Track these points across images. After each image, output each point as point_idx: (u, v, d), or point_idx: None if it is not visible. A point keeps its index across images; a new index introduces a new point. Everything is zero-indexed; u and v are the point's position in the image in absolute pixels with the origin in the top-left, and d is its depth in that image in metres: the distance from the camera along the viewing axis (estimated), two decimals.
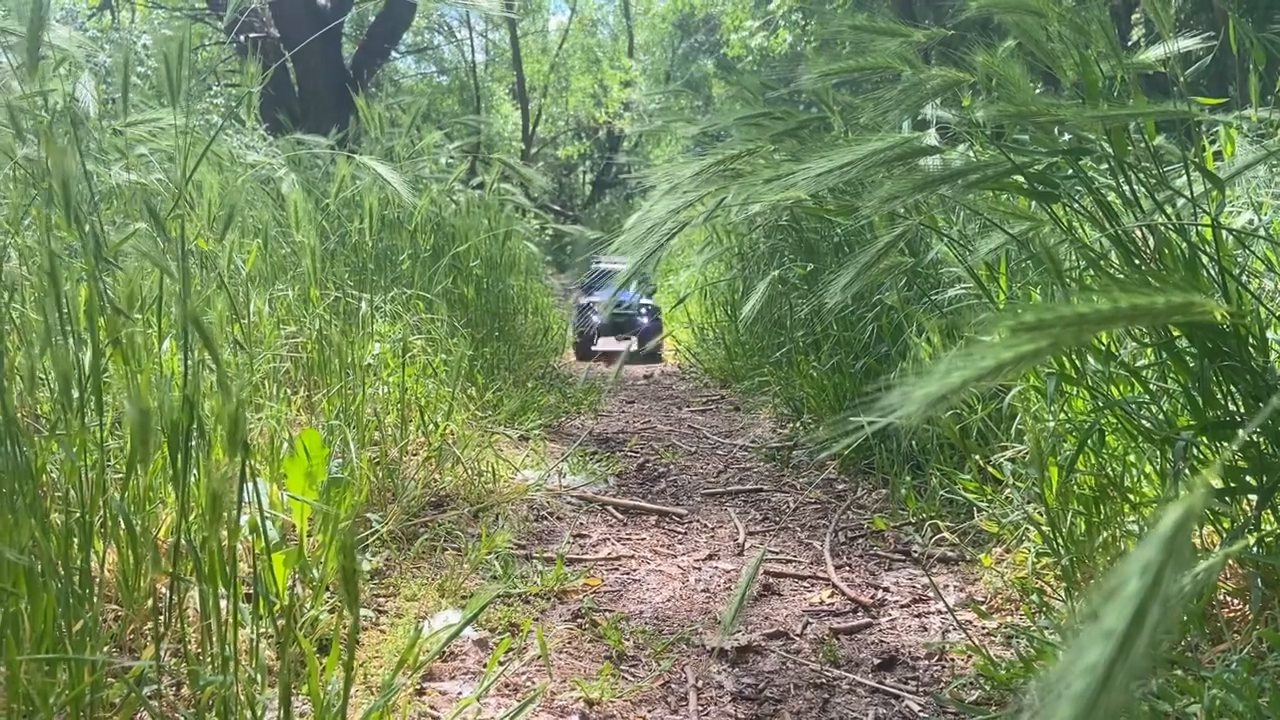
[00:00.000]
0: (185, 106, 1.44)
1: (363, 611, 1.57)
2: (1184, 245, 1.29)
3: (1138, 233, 1.37)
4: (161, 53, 1.44)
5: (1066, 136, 1.44)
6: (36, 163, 1.26)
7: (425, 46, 19.13)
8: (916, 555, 2.01)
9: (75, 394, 1.13)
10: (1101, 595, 0.32)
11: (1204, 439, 1.32)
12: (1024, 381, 1.77)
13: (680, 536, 2.24)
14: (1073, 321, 0.56)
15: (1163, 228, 1.31)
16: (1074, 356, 1.53)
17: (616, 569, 1.98)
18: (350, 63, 11.05)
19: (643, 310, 6.82)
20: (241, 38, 8.51)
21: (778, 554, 2.09)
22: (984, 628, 1.60)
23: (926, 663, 1.51)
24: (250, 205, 2.52)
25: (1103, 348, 1.48)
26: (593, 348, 6.47)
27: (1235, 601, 1.36)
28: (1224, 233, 1.33)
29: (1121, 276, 1.38)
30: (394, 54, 15.10)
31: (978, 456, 1.96)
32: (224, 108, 4.36)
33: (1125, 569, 0.33)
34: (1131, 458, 1.57)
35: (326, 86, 9.82)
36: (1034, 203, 1.45)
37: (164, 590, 1.30)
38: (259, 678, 1.12)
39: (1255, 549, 1.27)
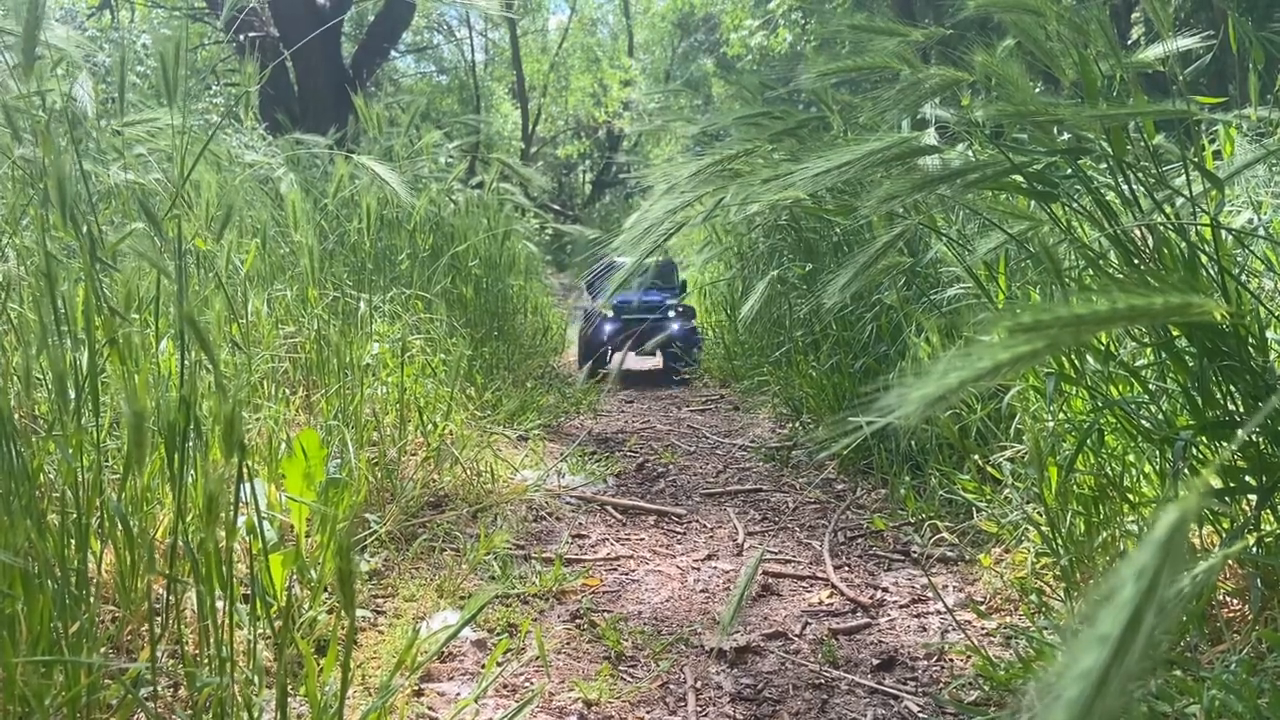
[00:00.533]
0: (183, 106, 1.43)
1: (361, 612, 1.57)
2: (1183, 245, 1.29)
3: (1137, 232, 1.36)
4: (159, 52, 1.43)
5: (1065, 136, 1.44)
6: (34, 163, 1.25)
7: (425, 46, 19.12)
8: (915, 555, 2.01)
9: (72, 394, 1.13)
10: (1097, 600, 0.32)
11: (1203, 439, 1.32)
12: (1023, 381, 1.77)
13: (679, 537, 2.24)
14: (1071, 322, 0.56)
15: (1162, 227, 1.31)
16: (1073, 356, 1.52)
17: (615, 569, 1.98)
18: (350, 62, 11.05)
19: (669, 314, 5.18)
20: (241, 37, 8.50)
21: (777, 554, 2.09)
22: (983, 628, 1.60)
23: (925, 663, 1.51)
24: (249, 205, 2.52)
25: (1102, 347, 1.47)
26: (606, 365, 5.04)
27: (1235, 602, 1.35)
28: (1223, 232, 1.32)
29: (1120, 276, 1.38)
30: (393, 53, 15.10)
31: (977, 456, 1.96)
32: (223, 107, 4.36)
33: (1121, 573, 0.33)
34: (1131, 457, 1.56)
35: (326, 86, 9.82)
36: (1033, 202, 1.45)
37: (161, 591, 1.30)
38: (256, 679, 1.12)
39: (1254, 549, 1.27)
